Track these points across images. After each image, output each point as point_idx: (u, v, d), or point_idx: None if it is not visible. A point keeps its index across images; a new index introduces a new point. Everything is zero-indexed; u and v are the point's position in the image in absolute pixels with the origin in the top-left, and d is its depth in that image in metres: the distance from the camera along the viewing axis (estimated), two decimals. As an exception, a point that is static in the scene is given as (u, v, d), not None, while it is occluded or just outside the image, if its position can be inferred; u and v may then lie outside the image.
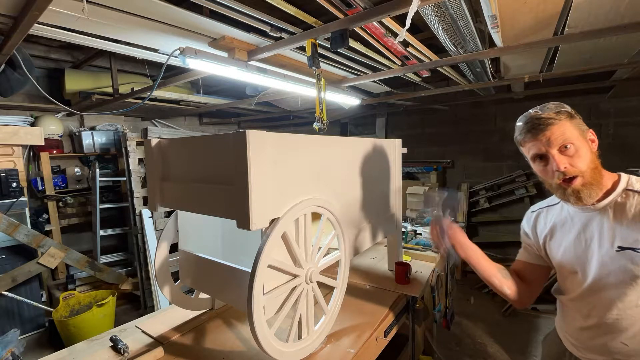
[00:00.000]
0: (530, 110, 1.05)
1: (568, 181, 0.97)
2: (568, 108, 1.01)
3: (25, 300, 2.98)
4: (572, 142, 0.95)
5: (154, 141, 1.28)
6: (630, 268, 0.94)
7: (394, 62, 2.40)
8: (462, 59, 2.22)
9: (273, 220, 1.04)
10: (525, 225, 1.23)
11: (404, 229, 2.52)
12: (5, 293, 2.87)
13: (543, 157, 1.00)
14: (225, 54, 1.97)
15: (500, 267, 1.23)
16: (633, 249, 0.93)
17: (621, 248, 0.95)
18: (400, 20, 1.49)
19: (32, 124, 3.53)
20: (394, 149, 1.87)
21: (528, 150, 1.04)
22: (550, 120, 0.98)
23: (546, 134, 0.97)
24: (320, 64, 2.05)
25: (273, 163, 1.02)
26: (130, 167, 3.51)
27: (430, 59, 2.29)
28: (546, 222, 1.15)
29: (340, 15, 1.59)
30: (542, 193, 4.22)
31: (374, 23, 1.67)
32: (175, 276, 1.42)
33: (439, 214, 1.24)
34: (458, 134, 4.71)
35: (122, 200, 4.26)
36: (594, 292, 1.03)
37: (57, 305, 3.10)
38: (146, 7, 1.51)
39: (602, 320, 1.02)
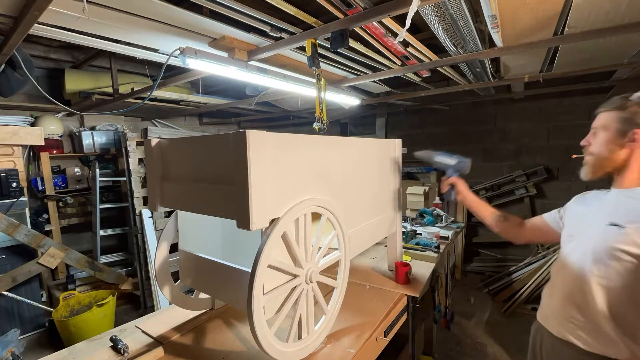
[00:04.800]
0: None
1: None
2: (617, 102, 1.12)
3: (25, 300, 2.98)
4: (597, 128, 1.15)
5: (154, 141, 1.28)
6: (606, 241, 1.03)
7: (394, 62, 2.40)
8: (462, 59, 2.22)
9: (273, 220, 1.04)
10: (572, 201, 1.33)
11: (404, 229, 2.52)
12: (5, 293, 2.87)
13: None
14: (225, 54, 1.97)
15: (494, 211, 1.55)
16: (619, 226, 1.02)
17: (612, 224, 1.04)
18: (400, 20, 1.49)
19: (32, 124, 3.53)
20: (394, 149, 1.87)
21: None
22: (603, 106, 1.16)
23: (598, 116, 1.18)
24: (320, 64, 2.05)
25: (273, 163, 1.02)
26: (130, 167, 3.51)
27: (430, 59, 2.29)
28: (583, 200, 1.26)
29: (340, 15, 1.59)
30: (542, 193, 4.22)
31: (374, 23, 1.67)
32: (175, 276, 1.42)
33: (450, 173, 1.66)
34: (458, 134, 4.71)
35: (122, 200, 4.26)
36: (570, 254, 1.15)
37: (57, 305, 3.10)
38: (146, 7, 1.51)
39: (562, 280, 1.16)
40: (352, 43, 2.00)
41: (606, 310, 1.04)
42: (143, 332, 1.44)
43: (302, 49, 2.02)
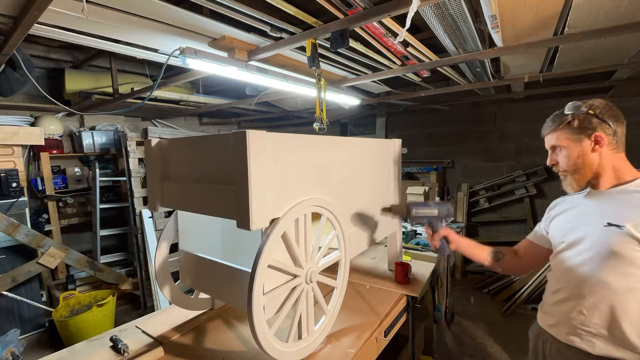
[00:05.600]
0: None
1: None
2: (559, 120, 1.17)
3: (25, 300, 2.98)
4: (557, 147, 1.18)
5: (154, 141, 1.28)
6: (610, 243, 1.03)
7: (394, 62, 2.40)
8: (462, 59, 2.22)
9: (273, 220, 1.04)
10: (548, 209, 1.37)
11: (404, 229, 2.52)
12: (5, 293, 2.87)
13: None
14: (225, 54, 1.97)
15: (490, 251, 1.47)
16: (618, 226, 1.03)
17: (609, 224, 1.05)
18: (400, 20, 1.49)
19: (32, 124, 3.53)
20: (394, 149, 1.87)
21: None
22: (546, 128, 1.21)
23: (545, 138, 1.23)
24: (320, 64, 2.05)
25: (273, 163, 1.02)
26: (130, 167, 3.51)
27: (430, 59, 2.29)
28: (562, 206, 1.29)
29: (340, 15, 1.59)
30: (542, 193, 4.22)
31: (374, 23, 1.67)
32: (175, 276, 1.42)
33: (431, 222, 1.50)
34: (458, 134, 4.71)
35: (122, 200, 4.26)
36: (571, 259, 1.14)
37: (57, 305, 3.10)
38: (146, 7, 1.50)
39: (569, 285, 1.14)
40: (352, 43, 2.00)
41: (629, 313, 1.02)
42: (143, 332, 1.44)
43: (302, 49, 2.02)
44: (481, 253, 1.49)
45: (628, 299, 1.02)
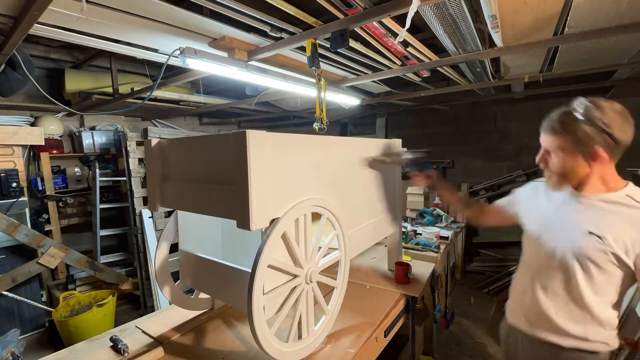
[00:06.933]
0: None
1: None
2: (565, 124, 1.13)
3: (25, 300, 2.98)
4: (552, 150, 1.17)
5: (154, 141, 1.28)
6: (588, 251, 1.07)
7: (394, 62, 2.40)
8: (462, 59, 2.22)
9: (273, 220, 1.04)
10: (523, 187, 1.48)
11: (404, 229, 2.52)
12: (5, 293, 2.87)
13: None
14: (225, 54, 1.97)
15: (461, 199, 1.72)
16: (599, 237, 1.06)
17: (591, 233, 1.07)
18: (400, 20, 1.49)
19: (32, 124, 3.53)
20: (394, 149, 1.86)
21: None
22: (548, 127, 1.19)
23: (543, 136, 1.21)
24: (320, 64, 2.05)
25: (273, 163, 1.02)
26: (130, 167, 3.51)
27: (430, 59, 2.29)
28: (534, 190, 1.38)
29: (340, 15, 1.59)
30: (542, 193, 4.21)
31: (374, 23, 1.67)
32: (175, 276, 1.42)
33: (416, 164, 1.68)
34: (458, 134, 4.71)
35: (122, 200, 4.26)
36: (543, 257, 1.19)
37: (57, 305, 3.10)
38: (146, 7, 1.51)
39: (534, 282, 1.22)
40: (352, 43, 2.00)
41: (589, 305, 1.11)
42: (143, 332, 1.44)
43: (302, 49, 2.02)
44: (454, 195, 1.69)
45: (587, 297, 1.10)
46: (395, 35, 1.82)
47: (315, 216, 1.20)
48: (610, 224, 1.06)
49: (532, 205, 1.33)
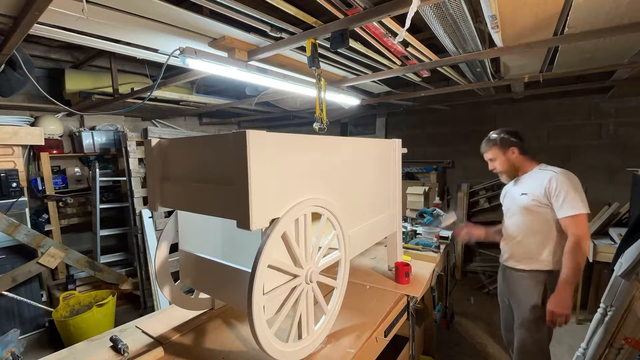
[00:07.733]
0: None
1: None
2: (495, 140, 1.99)
3: (25, 300, 2.98)
4: (493, 159, 2.02)
5: (154, 141, 1.28)
6: (521, 204, 1.88)
7: (394, 62, 2.40)
8: (462, 59, 2.22)
9: (273, 220, 1.04)
10: (502, 193, 2.18)
11: (404, 229, 2.52)
12: (5, 293, 2.87)
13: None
14: (225, 54, 1.97)
15: (498, 230, 2.16)
16: (524, 194, 1.86)
17: (522, 194, 1.88)
18: (400, 20, 1.49)
19: (32, 124, 3.53)
20: (394, 149, 1.87)
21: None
22: (484, 147, 2.06)
23: (484, 154, 2.08)
24: (320, 64, 2.05)
25: (273, 163, 1.02)
26: (130, 167, 3.51)
27: (430, 59, 2.29)
28: (505, 190, 2.12)
29: (340, 15, 1.59)
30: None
31: (374, 23, 1.67)
32: (175, 276, 1.42)
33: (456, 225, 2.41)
34: (458, 134, 4.71)
35: (122, 200, 4.26)
36: (508, 218, 2.01)
37: (57, 305, 3.10)
38: (146, 7, 1.50)
39: (505, 231, 2.03)
40: (352, 43, 2.00)
41: (534, 241, 1.86)
42: (143, 332, 1.44)
43: (302, 49, 2.02)
44: (495, 229, 2.20)
45: (532, 233, 1.86)
46: (395, 35, 1.82)
47: (316, 216, 1.20)
48: (530, 185, 1.86)
49: (506, 196, 2.08)
